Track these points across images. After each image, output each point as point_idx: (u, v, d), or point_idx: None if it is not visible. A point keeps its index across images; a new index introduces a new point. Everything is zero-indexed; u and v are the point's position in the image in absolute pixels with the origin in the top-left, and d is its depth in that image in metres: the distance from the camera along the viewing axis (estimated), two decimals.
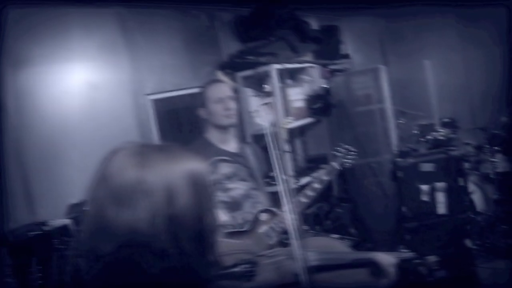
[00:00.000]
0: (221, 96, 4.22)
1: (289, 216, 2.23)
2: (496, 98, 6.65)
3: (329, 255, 2.37)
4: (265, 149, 6.24)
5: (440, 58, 8.34)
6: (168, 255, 1.49)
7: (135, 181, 1.51)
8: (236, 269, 1.93)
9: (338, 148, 4.66)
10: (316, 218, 6.50)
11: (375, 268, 2.58)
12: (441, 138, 5.73)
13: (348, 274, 2.37)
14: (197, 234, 1.56)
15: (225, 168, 4.24)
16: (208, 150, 4.23)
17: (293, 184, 6.03)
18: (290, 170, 6.20)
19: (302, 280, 2.08)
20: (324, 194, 6.98)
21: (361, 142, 7.02)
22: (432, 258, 2.88)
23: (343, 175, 7.15)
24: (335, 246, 2.52)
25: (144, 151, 1.59)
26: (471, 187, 6.67)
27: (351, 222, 6.65)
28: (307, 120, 6.87)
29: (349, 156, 4.62)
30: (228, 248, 2.13)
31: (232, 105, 4.25)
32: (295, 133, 7.31)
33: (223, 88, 4.31)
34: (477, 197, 6.80)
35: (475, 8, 7.74)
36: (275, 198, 4.26)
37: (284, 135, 6.16)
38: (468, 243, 5.51)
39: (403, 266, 2.77)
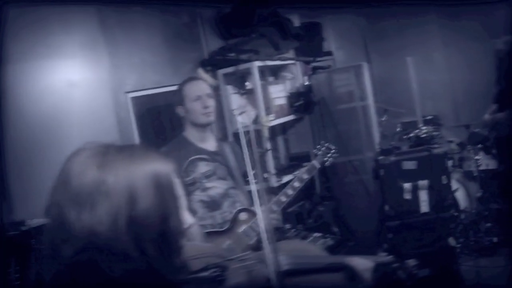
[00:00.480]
0: (199, 94, 4.17)
1: (261, 218, 2.15)
2: (479, 95, 6.59)
3: (302, 259, 2.29)
4: (245, 147, 6.26)
5: (423, 55, 8.31)
6: (130, 258, 1.45)
7: (95, 183, 1.48)
8: (204, 274, 1.86)
9: (319, 147, 4.62)
10: (298, 217, 6.46)
11: (350, 273, 2.51)
12: (424, 135, 5.66)
13: (322, 278, 2.29)
14: (161, 237, 1.52)
15: (204, 167, 4.21)
16: (186, 149, 4.21)
17: (275, 183, 6.00)
18: (272, 169, 6.16)
19: (273, 285, 2.01)
20: (307, 192, 6.94)
21: (344, 140, 7.00)
22: (411, 262, 2.81)
23: (326, 173, 7.11)
24: (309, 249, 2.45)
25: (105, 152, 1.55)
26: (455, 184, 6.64)
27: (334, 220, 6.59)
28: (289, 118, 6.80)
29: (329, 155, 4.57)
30: (196, 251, 2.05)
31: (211, 103, 4.20)
32: (277, 131, 7.25)
33: (201, 86, 4.26)
34: (460, 195, 6.77)
35: (457, 6, 7.72)
36: (259, 197, 4.22)
37: (265, 133, 6.10)
38: (452, 241, 5.46)
39: (380, 270, 2.69)
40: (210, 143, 4.32)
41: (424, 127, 5.79)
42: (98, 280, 1.45)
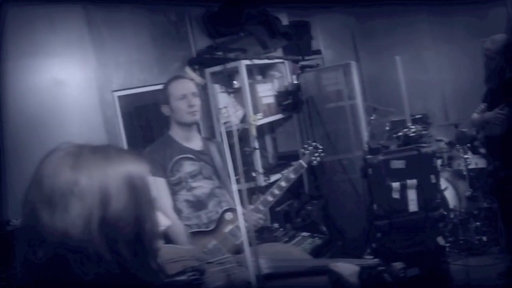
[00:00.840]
0: (185, 93, 4.14)
1: (242, 222, 2.10)
2: (468, 94, 6.57)
3: (284, 263, 2.24)
4: (233, 146, 6.24)
5: (412, 54, 8.29)
6: (104, 261, 1.41)
7: (68, 184, 1.44)
8: (182, 277, 1.81)
9: (306, 146, 4.58)
10: (287, 216, 6.43)
11: (334, 276, 2.47)
12: (412, 134, 5.63)
13: (305, 282, 2.25)
14: (135, 239, 1.48)
15: (189, 167, 4.17)
16: (172, 148, 4.18)
17: (263, 182, 5.97)
18: (260, 168, 6.13)
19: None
20: (295, 192, 6.92)
21: (332, 139, 6.97)
22: (398, 265, 2.77)
23: (314, 172, 7.08)
24: (293, 253, 2.40)
25: (78, 152, 1.51)
26: (444, 183, 6.62)
27: (322, 219, 6.56)
28: (277, 117, 6.77)
29: (316, 154, 4.53)
30: (174, 254, 2.01)
31: (196, 102, 4.16)
32: (265, 130, 7.22)
33: (186, 85, 4.22)
34: (449, 194, 6.75)
35: (447, 5, 7.71)
36: (242, 197, 4.19)
37: (253, 132, 6.07)
38: (440, 240, 5.43)
39: (366, 273, 2.65)
40: (195, 142, 4.28)
41: (412, 126, 5.76)
42: (71, 283, 1.41)
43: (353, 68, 6.98)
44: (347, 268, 2.51)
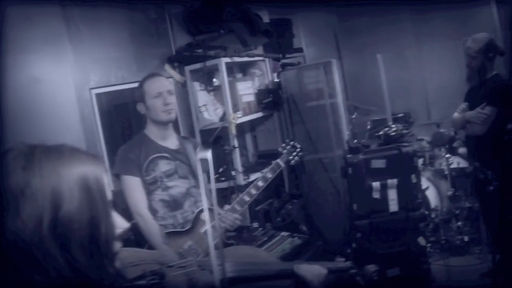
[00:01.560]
0: (160, 91, 4.08)
1: (208, 224, 2.04)
2: (451, 93, 6.52)
3: (250, 266, 2.17)
4: (212, 144, 6.19)
5: (395, 53, 8.26)
6: (56, 264, 1.37)
7: (19, 185, 1.40)
8: (141, 282, 1.75)
9: (283, 145, 4.53)
10: (266, 215, 6.38)
11: (301, 280, 2.40)
12: (393, 133, 5.58)
13: (271, 286, 2.18)
14: (90, 242, 1.43)
15: (165, 166, 4.13)
16: (147, 147, 4.14)
17: (242, 181, 5.92)
18: (239, 166, 6.08)
19: None
20: (275, 190, 6.87)
21: (313, 138, 6.91)
22: (371, 268, 2.70)
23: (295, 171, 7.03)
24: (259, 256, 2.34)
25: (31, 153, 1.47)
26: (425, 183, 6.58)
27: (302, 219, 6.49)
28: (258, 115, 6.72)
29: (294, 153, 4.49)
30: (133, 258, 1.94)
31: (172, 100, 4.11)
32: (245, 128, 7.16)
33: (162, 83, 4.16)
34: (431, 194, 6.71)
35: (430, 3, 7.67)
36: (219, 196, 4.16)
37: (232, 130, 6.02)
38: (421, 241, 5.38)
39: (337, 276, 2.59)
40: (171, 141, 4.23)
41: (393, 125, 5.71)
42: (26, 284, 1.37)
43: (334, 66, 6.92)
44: (312, 271, 2.45)
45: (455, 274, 5.73)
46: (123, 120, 5.45)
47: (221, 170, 6.20)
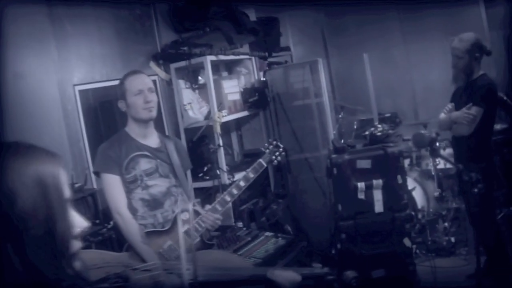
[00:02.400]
0: (141, 88, 4.02)
1: (180, 226, 1.98)
2: (439, 93, 6.45)
3: (220, 271, 2.11)
4: (197, 143, 6.14)
5: (382, 52, 8.21)
6: (12, 266, 1.34)
7: None
8: (104, 285, 1.69)
9: (266, 145, 4.48)
10: (251, 215, 6.36)
11: (275, 286, 2.34)
12: (379, 134, 5.54)
13: None
14: (46, 241, 1.40)
15: (145, 164, 4.08)
16: (128, 145, 4.09)
17: (227, 180, 5.88)
18: (224, 165, 6.04)
19: None
20: (261, 190, 6.83)
21: (299, 137, 6.86)
22: (350, 274, 2.64)
23: (281, 170, 6.98)
24: (231, 260, 2.27)
25: None
26: (412, 183, 6.54)
27: (287, 219, 6.44)
28: (243, 114, 6.68)
29: (277, 153, 4.43)
30: (98, 260, 1.89)
31: (153, 97, 4.04)
32: (231, 127, 7.12)
33: (143, 80, 4.09)
34: (418, 194, 6.66)
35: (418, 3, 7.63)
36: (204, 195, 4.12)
37: (217, 129, 5.97)
38: (407, 242, 5.34)
39: (314, 283, 2.52)
40: (152, 140, 4.17)
41: (379, 125, 5.66)
42: None
43: (320, 65, 6.87)
44: (286, 277, 2.38)
45: (441, 276, 5.65)
46: (107, 118, 5.40)
47: (205, 169, 6.16)
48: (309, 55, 8.00)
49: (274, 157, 4.43)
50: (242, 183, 4.19)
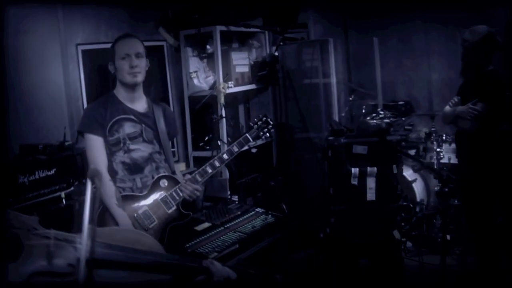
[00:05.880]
0: (128, 53, 3.98)
1: (87, 196, 1.90)
2: (455, 85, 6.27)
3: (128, 252, 2.02)
4: (200, 112, 6.10)
5: (401, 39, 8.06)
6: None
7: None
8: None
9: (255, 120, 4.42)
10: (248, 189, 6.31)
11: (209, 276, 2.27)
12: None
13: (140, 276, 2.02)
14: None
15: (130, 128, 4.05)
16: (114, 107, 4.05)
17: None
18: (224, 137, 6.01)
19: (77, 272, 1.77)
20: (263, 165, 6.78)
21: (304, 116, 6.77)
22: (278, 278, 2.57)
23: (285, 147, 6.92)
24: (145, 243, 2.18)
25: None
26: (413, 175, 6.43)
27: (283, 197, 6.36)
28: (250, 87, 6.63)
29: (266, 129, 4.37)
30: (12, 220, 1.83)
31: (138, 63, 3.99)
32: (239, 99, 7.07)
33: (132, 44, 4.05)
34: (418, 187, 6.54)
35: None
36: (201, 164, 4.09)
37: (221, 100, 5.93)
38: (396, 234, 5.27)
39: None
40: (140, 104, 4.12)
41: (381, 112, 5.56)
42: None
43: (331, 45, 6.76)
44: (221, 271, 2.31)
45: (429, 272, 5.55)
46: (108, 80, 5.36)
47: (206, 138, 6.13)
48: (327, 35, 7.85)
49: (262, 133, 4.38)
50: (225, 156, 4.17)
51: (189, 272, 2.34)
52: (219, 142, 5.97)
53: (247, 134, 4.28)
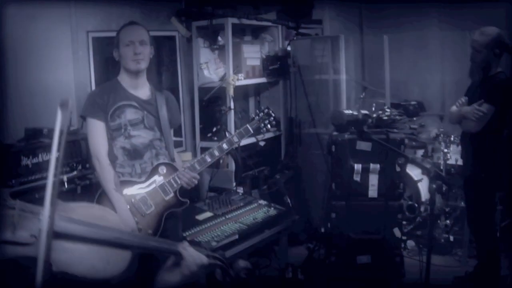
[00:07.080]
0: (132, 40, 4.04)
1: (51, 170, 1.94)
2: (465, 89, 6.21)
3: (89, 227, 2.04)
4: (209, 103, 6.14)
5: (417, 39, 8.03)
6: None
7: None
8: None
9: (257, 111, 4.47)
10: (254, 182, 6.39)
11: (179, 259, 2.30)
12: (385, 118, 5.43)
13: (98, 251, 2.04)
14: None
15: (132, 114, 4.09)
16: (117, 93, 4.10)
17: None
18: (232, 128, 6.07)
19: (38, 243, 1.82)
20: (271, 159, 6.81)
21: (313, 111, 6.79)
22: (242, 263, 2.57)
23: (293, 141, 6.94)
24: (110, 220, 2.19)
25: None
26: (419, 175, 6.42)
27: (289, 191, 6.38)
28: (260, 80, 6.65)
29: (266, 121, 4.40)
30: None
31: (142, 50, 4.05)
32: (249, 92, 7.10)
33: (136, 32, 4.11)
34: (424, 187, 6.53)
35: None
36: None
37: (230, 92, 5.97)
38: (397, 232, 5.27)
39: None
40: (143, 91, 4.17)
41: (388, 109, 5.55)
42: None
43: (342, 42, 6.74)
44: (194, 256, 2.32)
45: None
46: (117, 68, 5.43)
47: (214, 129, 6.17)
48: (342, 32, 7.85)
49: (263, 124, 4.41)
50: (225, 146, 4.21)
51: (156, 252, 2.37)
52: (226, 133, 6.01)
53: (247, 125, 4.32)
